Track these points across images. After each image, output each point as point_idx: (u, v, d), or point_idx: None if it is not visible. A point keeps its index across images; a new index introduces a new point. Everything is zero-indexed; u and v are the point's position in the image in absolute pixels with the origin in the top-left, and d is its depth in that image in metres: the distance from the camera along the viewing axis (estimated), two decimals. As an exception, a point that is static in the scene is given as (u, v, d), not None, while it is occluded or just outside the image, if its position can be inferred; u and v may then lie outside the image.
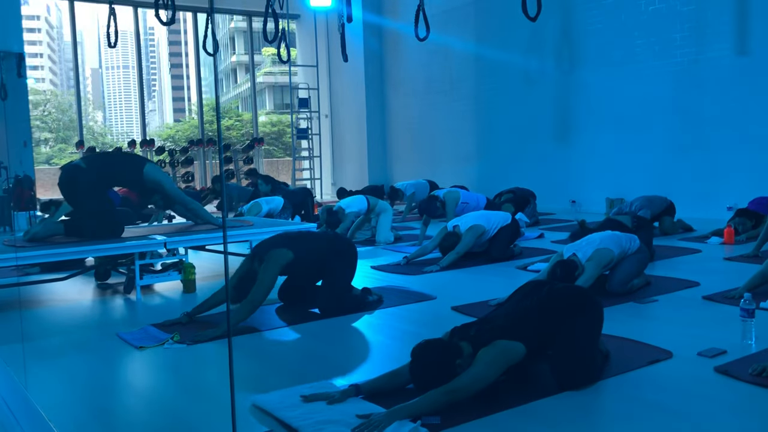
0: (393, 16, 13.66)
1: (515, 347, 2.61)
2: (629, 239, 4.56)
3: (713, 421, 2.40)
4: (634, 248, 4.52)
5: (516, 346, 2.61)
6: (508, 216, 6.10)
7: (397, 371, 2.72)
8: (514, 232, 6.08)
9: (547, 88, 10.39)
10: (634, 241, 4.58)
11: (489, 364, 2.54)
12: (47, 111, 40.76)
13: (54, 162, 34.59)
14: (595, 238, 4.45)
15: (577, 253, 4.29)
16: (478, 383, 2.52)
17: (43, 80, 71.69)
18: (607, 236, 4.47)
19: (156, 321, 4.07)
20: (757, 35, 7.79)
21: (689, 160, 8.53)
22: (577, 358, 2.73)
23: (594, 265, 4.20)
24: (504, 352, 2.58)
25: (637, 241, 4.59)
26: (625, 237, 4.55)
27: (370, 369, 3.08)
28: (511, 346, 2.60)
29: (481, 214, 6.13)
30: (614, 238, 4.46)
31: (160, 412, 2.71)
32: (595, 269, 4.19)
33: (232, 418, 1.79)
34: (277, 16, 7.96)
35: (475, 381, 2.51)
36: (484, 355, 2.56)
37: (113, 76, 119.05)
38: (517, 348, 2.61)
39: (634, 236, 4.67)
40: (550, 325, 2.77)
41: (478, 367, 2.53)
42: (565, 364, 2.71)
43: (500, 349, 2.59)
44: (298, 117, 15.28)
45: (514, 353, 2.60)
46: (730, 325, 3.50)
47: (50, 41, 79.71)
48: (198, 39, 14.70)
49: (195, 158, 14.41)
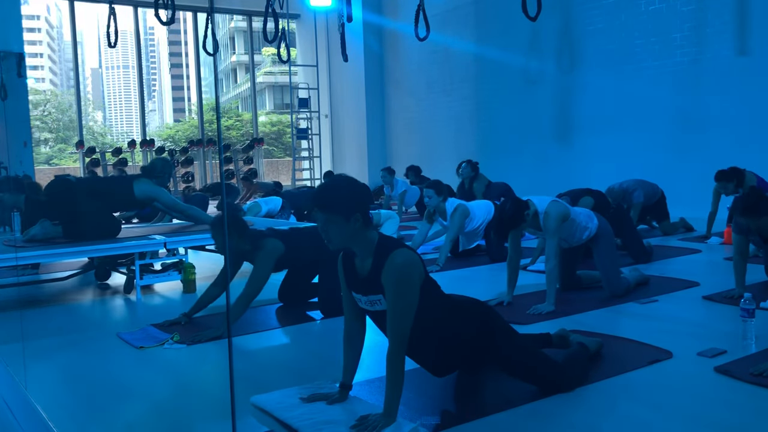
0: (393, 16, 13.66)
1: (414, 258, 2.40)
2: (587, 216, 4.26)
3: (713, 421, 2.40)
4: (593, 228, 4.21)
5: (414, 256, 2.40)
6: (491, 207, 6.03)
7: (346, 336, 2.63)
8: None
9: (547, 88, 10.38)
10: (591, 219, 4.25)
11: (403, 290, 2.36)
12: (47, 111, 40.77)
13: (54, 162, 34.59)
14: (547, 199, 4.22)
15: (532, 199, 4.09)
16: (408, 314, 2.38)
17: (43, 80, 71.70)
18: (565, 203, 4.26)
19: (156, 321, 4.07)
20: (757, 35, 7.79)
21: (689, 160, 8.53)
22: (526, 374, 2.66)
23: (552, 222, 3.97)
24: (408, 264, 2.37)
25: (595, 220, 4.26)
26: (582, 212, 4.28)
27: (370, 369, 3.08)
28: (410, 256, 2.39)
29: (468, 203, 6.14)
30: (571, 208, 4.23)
31: (160, 412, 2.71)
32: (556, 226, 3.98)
33: (232, 418, 1.79)
34: (277, 16, 7.97)
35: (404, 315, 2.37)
36: (390, 280, 2.36)
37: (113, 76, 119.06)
38: (415, 258, 2.40)
39: (592, 214, 4.33)
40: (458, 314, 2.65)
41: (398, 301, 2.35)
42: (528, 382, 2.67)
43: (403, 262, 2.35)
44: (298, 117, 15.28)
45: (415, 265, 2.39)
46: (730, 325, 3.50)
47: (50, 41, 79.69)
48: (198, 39, 14.70)
49: (195, 158, 14.42)
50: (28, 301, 5.02)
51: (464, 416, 2.47)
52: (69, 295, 5.19)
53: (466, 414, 2.49)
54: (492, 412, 2.51)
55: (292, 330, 3.96)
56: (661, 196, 7.12)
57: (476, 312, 2.72)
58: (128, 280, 5.14)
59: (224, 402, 2.69)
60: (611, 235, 4.37)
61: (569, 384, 2.71)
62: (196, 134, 22.58)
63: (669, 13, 8.66)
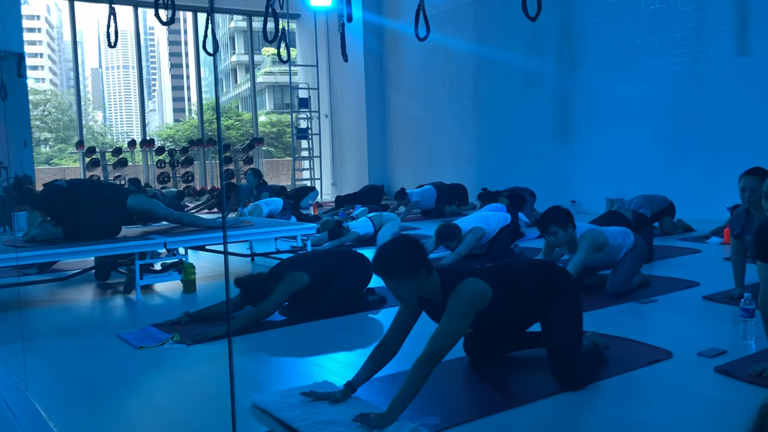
0: (393, 16, 13.66)
1: (482, 288, 2.57)
2: (624, 234, 4.46)
3: (713, 421, 2.40)
4: (630, 244, 4.43)
5: (482, 286, 2.57)
6: (508, 216, 6.10)
7: (379, 346, 2.66)
8: (515, 231, 6.08)
9: (547, 88, 10.38)
10: (628, 236, 4.47)
11: (460, 314, 2.51)
12: (47, 111, 40.78)
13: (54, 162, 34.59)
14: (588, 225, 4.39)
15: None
16: (454, 336, 2.51)
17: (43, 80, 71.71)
18: (601, 227, 4.42)
19: (156, 321, 4.07)
20: (757, 35, 7.78)
21: (689, 160, 8.53)
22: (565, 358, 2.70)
23: (587, 243, 4.11)
24: (472, 297, 2.54)
25: (632, 236, 4.50)
26: (619, 231, 4.47)
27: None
28: (478, 287, 2.57)
29: (482, 216, 6.13)
30: (608, 230, 4.39)
31: (160, 412, 2.71)
32: (588, 248, 4.09)
33: (232, 418, 1.79)
34: (277, 15, 7.97)
35: (451, 335, 2.49)
36: (453, 303, 2.52)
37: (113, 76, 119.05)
38: (483, 289, 2.57)
39: (629, 231, 4.56)
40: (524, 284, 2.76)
41: (450, 322, 2.49)
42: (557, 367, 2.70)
43: (468, 293, 2.54)
44: (298, 117, 15.28)
45: (481, 295, 2.56)
46: (730, 325, 3.50)
47: (50, 41, 79.71)
48: (198, 39, 14.70)
49: (195, 158, 14.41)
50: (28, 301, 5.02)
51: (464, 416, 2.47)
52: (69, 295, 5.19)
53: (467, 414, 2.49)
54: (492, 412, 2.51)
55: (292, 330, 3.96)
56: (669, 205, 7.10)
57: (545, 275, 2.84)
58: (128, 280, 5.14)
59: (224, 402, 2.69)
60: (644, 250, 4.56)
61: (585, 381, 2.73)
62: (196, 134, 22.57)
63: (669, 13, 8.66)
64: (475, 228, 5.80)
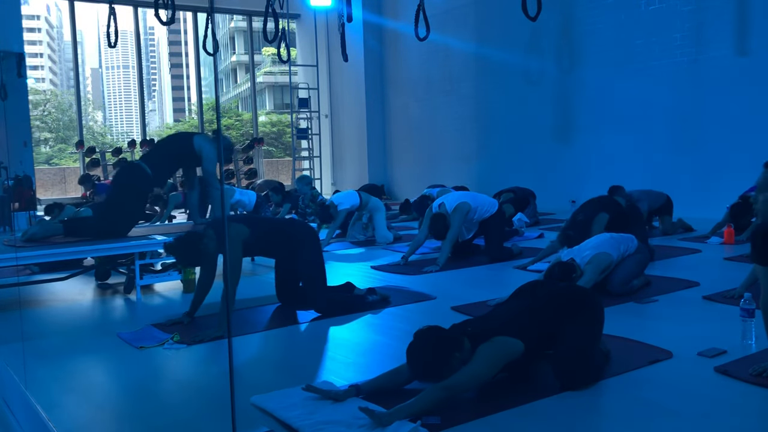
0: (393, 16, 13.66)
1: (514, 344, 2.61)
2: (627, 240, 4.55)
3: (713, 421, 2.40)
4: (632, 249, 4.51)
5: (514, 343, 2.61)
6: (495, 202, 6.06)
7: (397, 370, 2.71)
8: (503, 221, 6.14)
9: (547, 88, 10.38)
10: (632, 241, 4.56)
11: (487, 360, 2.54)
12: (47, 111, 40.74)
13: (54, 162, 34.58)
14: (594, 242, 4.45)
15: (576, 258, 4.28)
16: (476, 379, 2.53)
17: (43, 80, 71.71)
18: (606, 240, 4.47)
19: (156, 321, 4.07)
20: (757, 35, 7.78)
21: (689, 159, 8.53)
22: (577, 357, 2.73)
23: (593, 268, 4.19)
24: (502, 349, 2.59)
25: (635, 241, 4.58)
26: (622, 238, 4.54)
27: (370, 369, 3.08)
28: (509, 343, 2.61)
29: (465, 193, 6.12)
30: (612, 241, 4.45)
31: (160, 412, 2.71)
32: (594, 273, 4.18)
33: (232, 418, 1.79)
34: (277, 15, 7.97)
35: (473, 377, 2.52)
36: (482, 350, 2.57)
37: (113, 76, 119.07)
38: (515, 344, 2.61)
39: (632, 236, 4.64)
40: (550, 324, 2.77)
41: (476, 364, 2.53)
42: (566, 364, 2.71)
43: (499, 345, 2.59)
44: (298, 117, 15.28)
45: (512, 349, 2.60)
46: (730, 325, 3.50)
47: (50, 41, 79.70)
48: (198, 39, 14.70)
49: (195, 158, 14.41)
50: (28, 301, 5.02)
51: (464, 416, 2.47)
52: (69, 295, 5.19)
53: (467, 414, 2.49)
54: (492, 412, 2.51)
55: (292, 330, 3.96)
56: (666, 201, 7.11)
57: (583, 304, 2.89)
58: (128, 280, 5.14)
59: (224, 402, 2.69)
60: (646, 256, 4.66)
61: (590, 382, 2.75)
62: (196, 134, 22.53)
63: (669, 13, 8.66)
64: (461, 204, 5.71)
